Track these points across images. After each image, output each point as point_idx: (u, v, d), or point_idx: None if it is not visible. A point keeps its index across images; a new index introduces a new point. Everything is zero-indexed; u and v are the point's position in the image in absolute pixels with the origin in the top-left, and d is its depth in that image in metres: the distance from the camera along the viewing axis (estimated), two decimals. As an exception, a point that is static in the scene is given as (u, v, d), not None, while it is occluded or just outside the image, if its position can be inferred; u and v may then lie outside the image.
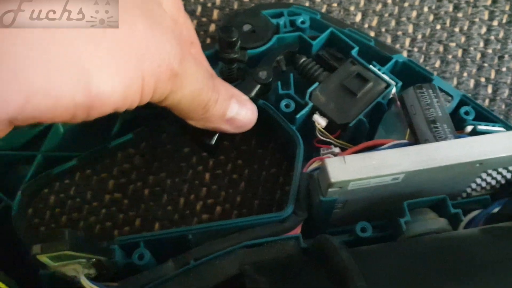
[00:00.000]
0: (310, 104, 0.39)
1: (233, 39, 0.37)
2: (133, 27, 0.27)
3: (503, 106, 0.48)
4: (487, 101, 0.48)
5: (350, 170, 0.32)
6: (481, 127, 0.39)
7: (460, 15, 0.50)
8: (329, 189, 0.33)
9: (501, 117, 0.46)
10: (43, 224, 0.45)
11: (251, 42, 0.42)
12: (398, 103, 0.41)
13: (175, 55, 0.29)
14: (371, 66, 0.41)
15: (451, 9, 0.50)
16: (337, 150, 0.40)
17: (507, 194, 0.39)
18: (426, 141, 0.35)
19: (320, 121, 0.39)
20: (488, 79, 0.48)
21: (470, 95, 0.48)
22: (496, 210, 0.38)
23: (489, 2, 0.50)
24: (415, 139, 0.37)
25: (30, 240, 0.35)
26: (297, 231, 0.37)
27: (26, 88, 0.23)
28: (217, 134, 0.39)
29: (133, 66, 0.27)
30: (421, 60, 0.49)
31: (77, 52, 0.24)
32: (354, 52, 0.41)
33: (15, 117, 0.24)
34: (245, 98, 0.38)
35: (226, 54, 0.39)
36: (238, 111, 0.37)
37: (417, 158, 0.33)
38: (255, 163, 0.46)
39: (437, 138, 0.35)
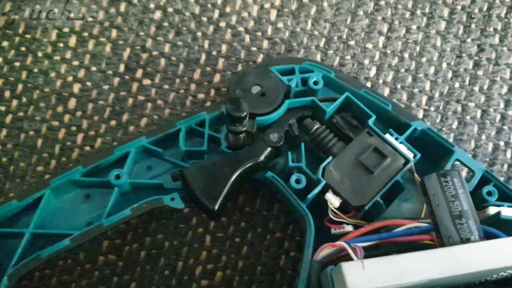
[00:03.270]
0: (323, 182, 0.37)
1: (243, 115, 0.34)
2: None
3: (522, 172, 0.45)
4: (505, 166, 0.45)
5: (369, 278, 0.30)
6: (506, 212, 0.36)
7: (480, 73, 0.47)
8: (345, 294, 0.30)
9: (520, 184, 0.44)
10: (31, 286, 0.42)
11: (260, 107, 0.39)
12: (416, 175, 0.39)
13: None
14: (388, 136, 0.38)
15: (471, 66, 0.47)
16: (349, 228, 0.38)
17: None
18: (449, 238, 0.32)
19: (334, 201, 0.37)
20: (507, 143, 0.46)
21: (488, 159, 0.45)
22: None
23: (511, 60, 0.47)
24: (436, 229, 0.34)
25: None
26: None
27: None
28: (220, 199, 0.36)
29: None
30: (438, 120, 0.46)
31: None
32: (371, 121, 0.39)
33: None
34: None
35: (233, 128, 0.36)
36: None
37: (442, 263, 0.30)
38: (259, 226, 0.44)
39: (461, 236, 0.32)
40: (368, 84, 0.46)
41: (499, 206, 0.38)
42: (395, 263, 0.30)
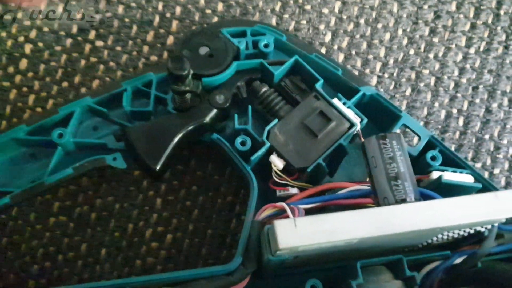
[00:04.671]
0: (267, 144, 0.37)
1: (184, 73, 0.34)
2: None
3: (474, 140, 0.45)
4: (457, 133, 0.46)
5: (301, 235, 0.30)
6: (447, 176, 0.37)
7: (436, 40, 0.47)
8: (278, 252, 0.31)
9: (471, 152, 0.45)
10: (-20, 246, 0.42)
11: (207, 68, 0.39)
12: (362, 139, 0.39)
13: None
14: (335, 101, 0.38)
15: (427, 33, 0.47)
16: (294, 191, 0.38)
17: (468, 243, 0.37)
18: (385, 199, 0.33)
19: (277, 163, 0.37)
20: (460, 111, 0.46)
21: (440, 127, 0.45)
22: (455, 261, 0.37)
23: (467, 27, 0.47)
24: (374, 191, 0.34)
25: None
26: (245, 281, 0.35)
27: None
28: (163, 159, 0.36)
29: None
30: (391, 87, 0.46)
31: None
32: (318, 85, 0.39)
33: None
34: None
35: (176, 87, 0.35)
36: None
37: (372, 224, 0.30)
38: (211, 190, 0.44)
39: (396, 197, 0.32)
40: (323, 50, 0.46)
41: (443, 171, 0.38)
42: (327, 221, 0.30)
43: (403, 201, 0.33)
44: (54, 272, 0.42)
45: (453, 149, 0.45)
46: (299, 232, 0.30)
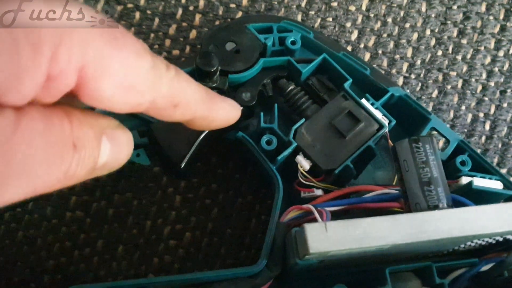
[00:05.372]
0: (294, 144, 0.36)
1: (212, 69, 0.33)
2: None
3: (500, 145, 0.44)
4: (483, 138, 0.45)
5: (331, 240, 0.29)
6: (478, 182, 0.36)
7: (464, 41, 0.46)
8: (307, 256, 0.30)
9: (496, 157, 0.44)
10: (-4, 239, 0.41)
11: (233, 64, 0.38)
12: (390, 142, 0.38)
13: None
14: (364, 101, 0.37)
15: (455, 34, 0.46)
16: (319, 192, 0.37)
17: (495, 250, 0.37)
18: (417, 204, 0.32)
19: (304, 164, 0.36)
20: (487, 115, 0.45)
21: (466, 130, 0.45)
22: (482, 269, 0.36)
23: (497, 30, 0.46)
24: (404, 196, 0.33)
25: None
26: (268, 284, 0.34)
27: None
28: (188, 157, 0.36)
29: None
30: (418, 88, 0.45)
31: None
32: (347, 85, 0.38)
33: None
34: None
35: (203, 83, 0.34)
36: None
37: (406, 230, 0.30)
38: (231, 189, 0.43)
39: (429, 203, 0.32)
40: (349, 48, 0.45)
41: (472, 176, 0.37)
42: (359, 226, 0.30)
43: (436, 207, 0.32)
44: (70, 267, 0.41)
45: (478, 153, 0.44)
46: (330, 237, 0.29)
